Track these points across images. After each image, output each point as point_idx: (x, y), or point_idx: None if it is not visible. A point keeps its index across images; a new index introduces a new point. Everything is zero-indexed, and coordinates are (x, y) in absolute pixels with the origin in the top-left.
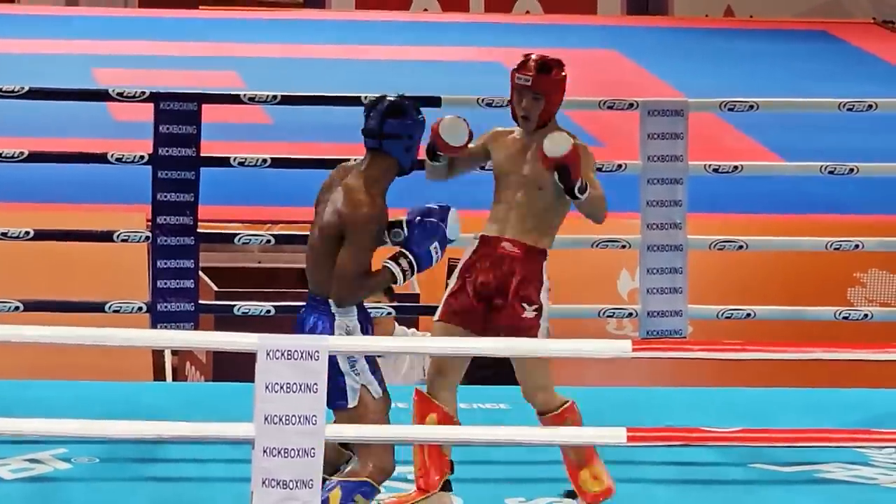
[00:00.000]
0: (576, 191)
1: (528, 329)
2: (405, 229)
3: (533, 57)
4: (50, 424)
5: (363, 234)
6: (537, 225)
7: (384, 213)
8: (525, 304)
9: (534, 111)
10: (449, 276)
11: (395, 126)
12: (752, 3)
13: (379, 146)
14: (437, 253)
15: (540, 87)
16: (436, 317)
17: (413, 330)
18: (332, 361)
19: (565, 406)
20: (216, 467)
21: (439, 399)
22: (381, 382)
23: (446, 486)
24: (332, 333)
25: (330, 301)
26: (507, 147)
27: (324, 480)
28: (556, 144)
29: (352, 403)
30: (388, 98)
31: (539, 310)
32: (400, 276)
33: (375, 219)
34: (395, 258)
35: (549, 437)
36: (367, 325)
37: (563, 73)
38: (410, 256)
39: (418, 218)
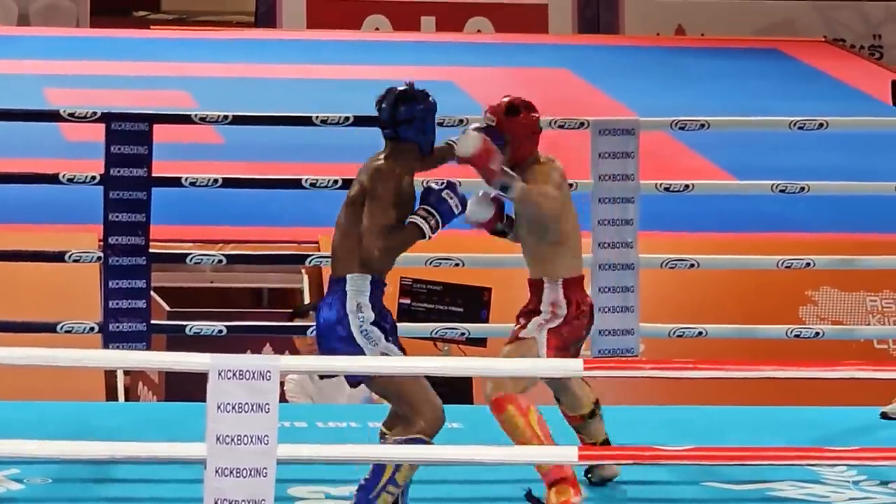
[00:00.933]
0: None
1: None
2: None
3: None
4: (2, 445)
5: (384, 191)
6: (532, 259)
7: (409, 188)
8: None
9: (505, 151)
10: None
11: (405, 112)
12: (703, 21)
13: (395, 133)
14: (457, 208)
15: (503, 127)
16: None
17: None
18: (349, 339)
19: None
20: (169, 487)
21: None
22: (401, 348)
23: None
24: (343, 312)
25: (347, 278)
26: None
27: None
28: (462, 143)
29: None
30: (396, 89)
31: (524, 326)
32: (426, 228)
33: (397, 178)
34: (416, 213)
35: (504, 457)
36: (382, 308)
37: (534, 115)
38: (431, 209)
39: (431, 183)
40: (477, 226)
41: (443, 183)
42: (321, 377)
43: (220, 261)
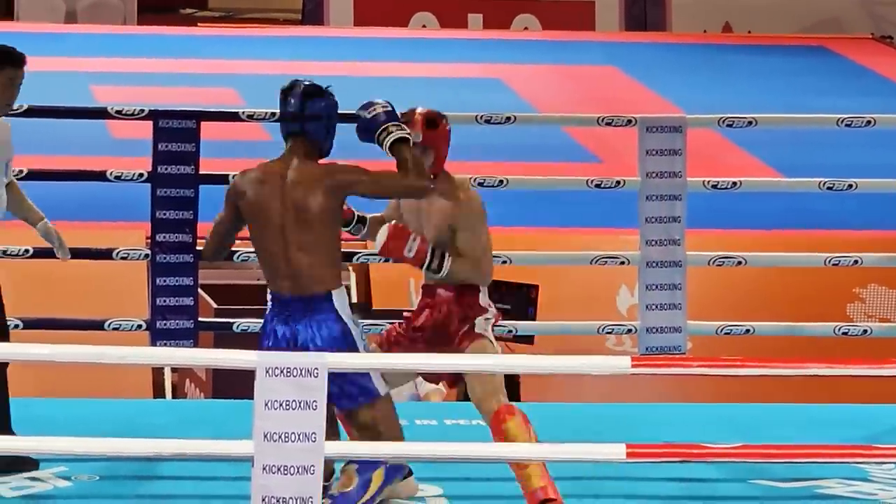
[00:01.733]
0: (425, 270)
1: (473, 340)
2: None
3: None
4: (50, 442)
5: (356, 169)
6: (466, 268)
7: None
8: (458, 323)
9: (426, 163)
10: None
11: (314, 107)
12: (750, 18)
13: (301, 129)
14: (388, 107)
15: (428, 141)
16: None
17: None
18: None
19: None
20: (216, 485)
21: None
22: None
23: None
24: (343, 329)
25: (333, 294)
26: (411, 209)
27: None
28: (377, 242)
29: (383, 391)
30: (303, 82)
31: (473, 325)
32: (405, 133)
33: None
34: (387, 135)
35: (553, 453)
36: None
37: (448, 127)
38: (392, 123)
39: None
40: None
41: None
42: None
43: None
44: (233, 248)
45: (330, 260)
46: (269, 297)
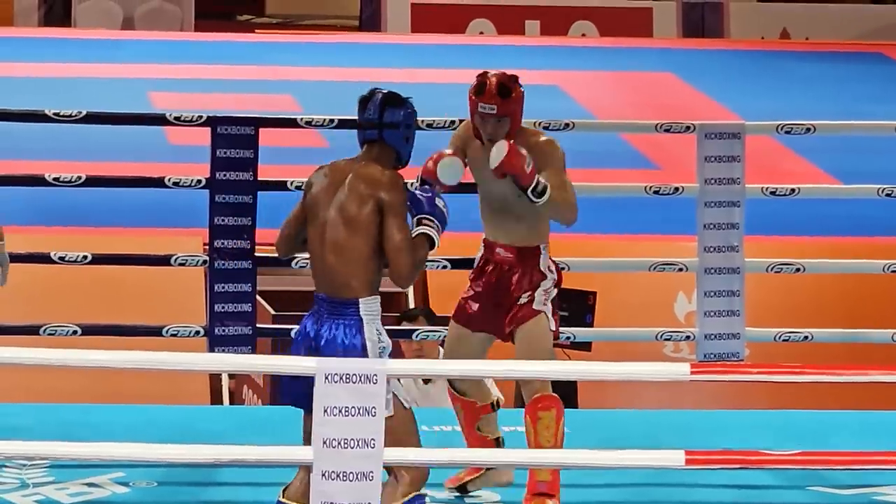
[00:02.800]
0: (529, 194)
1: (529, 317)
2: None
3: (491, 79)
4: (108, 448)
5: (403, 205)
6: (526, 227)
7: None
8: (520, 295)
9: (500, 133)
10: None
11: (393, 115)
12: (808, 25)
13: (379, 136)
14: (445, 208)
15: (505, 111)
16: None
17: None
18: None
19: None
20: (274, 491)
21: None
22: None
23: None
24: (362, 341)
25: (360, 302)
26: (479, 158)
27: None
28: (493, 157)
29: (387, 412)
30: (382, 90)
31: (532, 298)
32: (435, 235)
33: (403, 186)
34: (419, 225)
35: (611, 460)
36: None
37: (521, 88)
38: (431, 217)
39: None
40: (439, 185)
41: (425, 188)
42: (425, 381)
43: None
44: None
45: (363, 268)
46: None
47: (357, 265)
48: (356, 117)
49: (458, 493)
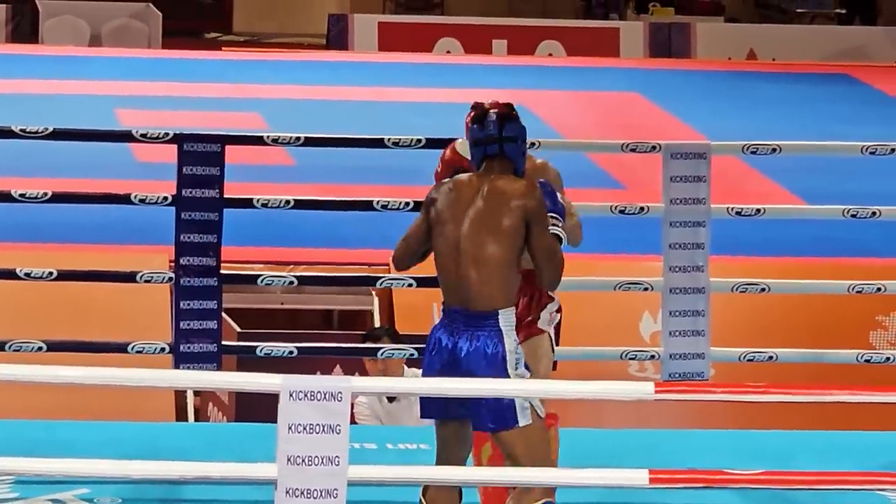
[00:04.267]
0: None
1: (534, 334)
2: None
3: (490, 111)
4: (73, 464)
5: (545, 212)
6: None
7: None
8: (530, 317)
9: None
10: None
11: (513, 129)
12: (774, 46)
13: (500, 151)
14: (561, 201)
15: None
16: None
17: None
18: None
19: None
20: None
21: None
22: None
23: None
24: (503, 351)
25: (499, 314)
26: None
27: None
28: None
29: (524, 422)
30: (494, 108)
31: (538, 318)
32: (563, 234)
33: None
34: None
35: (575, 479)
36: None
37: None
38: (556, 215)
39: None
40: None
41: (541, 183)
42: (389, 399)
43: (291, 282)
44: (256, 273)
45: (503, 278)
46: (441, 309)
47: (498, 276)
48: (468, 136)
49: None
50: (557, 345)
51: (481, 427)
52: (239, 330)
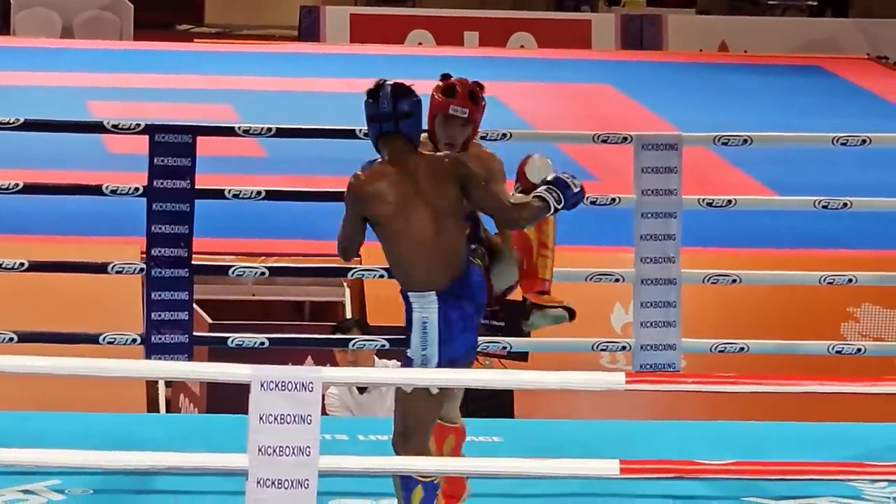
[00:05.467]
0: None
1: None
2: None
3: (462, 83)
4: (44, 455)
5: (477, 175)
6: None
7: None
8: None
9: (460, 138)
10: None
11: (407, 104)
12: (746, 38)
13: (395, 127)
14: (573, 179)
15: (473, 116)
16: None
17: (394, 362)
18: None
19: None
20: (210, 499)
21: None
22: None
23: None
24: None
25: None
26: None
27: None
28: (535, 172)
29: (407, 389)
30: (388, 83)
31: None
32: (553, 203)
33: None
34: (540, 190)
35: (546, 469)
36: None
37: (484, 99)
38: (554, 186)
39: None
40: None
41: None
42: (360, 391)
43: (263, 273)
44: (227, 264)
45: (462, 249)
46: (412, 297)
47: (458, 248)
48: (368, 112)
49: None
50: None
51: None
52: (210, 321)
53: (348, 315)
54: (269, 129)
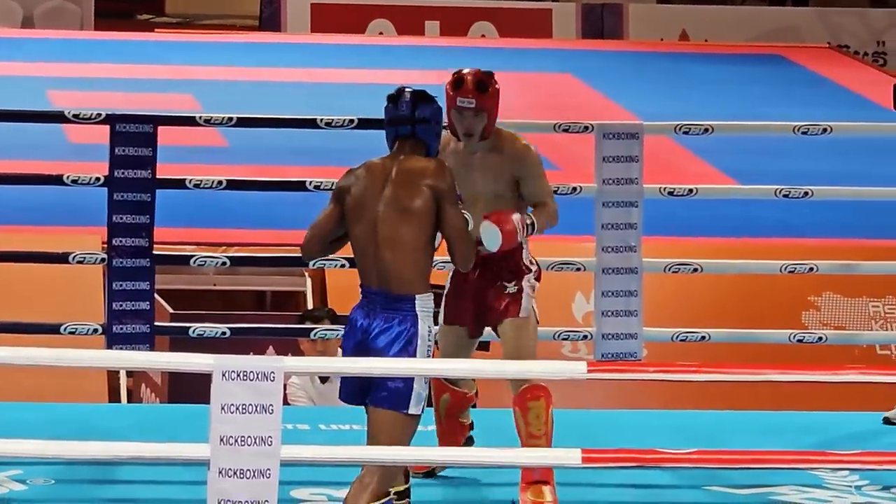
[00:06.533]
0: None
1: (513, 303)
2: None
3: (468, 75)
4: (5, 445)
5: (455, 191)
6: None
7: None
8: (506, 283)
9: (477, 127)
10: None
11: (425, 110)
12: (706, 27)
13: (412, 132)
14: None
15: (482, 105)
16: (440, 320)
17: None
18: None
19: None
20: (172, 489)
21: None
22: None
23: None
24: (415, 335)
25: (416, 298)
26: (452, 163)
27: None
28: (488, 243)
29: (413, 411)
30: (410, 88)
31: (519, 288)
32: (469, 219)
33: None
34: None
35: (507, 459)
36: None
37: (497, 85)
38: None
39: None
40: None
41: None
42: (322, 381)
43: (224, 263)
44: (188, 253)
45: (418, 260)
46: (360, 290)
47: (412, 258)
48: (384, 115)
49: (427, 478)
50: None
51: (375, 401)
52: (171, 311)
53: (310, 305)
54: (230, 119)
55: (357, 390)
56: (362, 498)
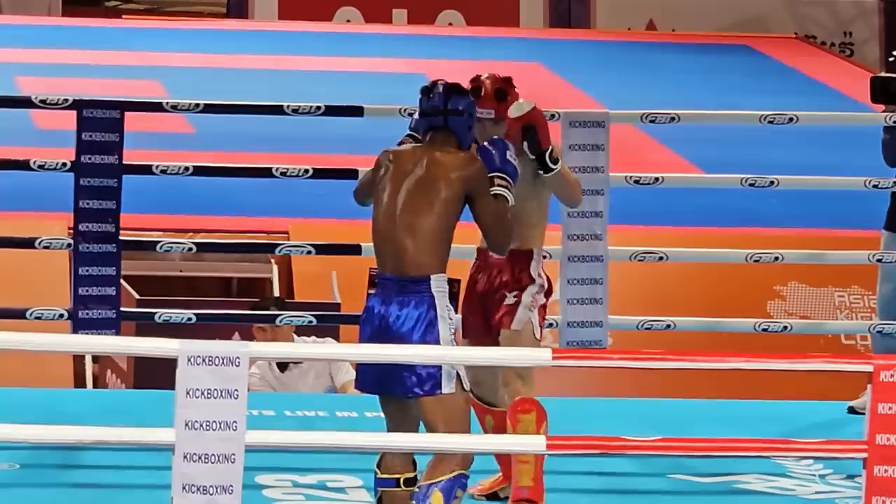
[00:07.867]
0: (548, 159)
1: (507, 315)
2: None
3: (486, 83)
4: None
5: (487, 182)
6: (520, 230)
7: None
8: (507, 293)
9: (497, 135)
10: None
11: (457, 102)
12: (674, 16)
13: (444, 123)
14: (514, 159)
15: (501, 114)
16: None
17: (313, 338)
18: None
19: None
20: (137, 473)
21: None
22: None
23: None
24: (434, 315)
25: (431, 279)
26: None
27: (414, 482)
28: (519, 108)
29: (447, 390)
30: (440, 82)
31: (518, 299)
32: (509, 196)
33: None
34: (496, 184)
35: (471, 445)
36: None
37: (516, 90)
38: (503, 175)
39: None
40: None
41: (495, 141)
42: (280, 369)
43: (190, 249)
44: (155, 239)
45: (437, 246)
46: (375, 276)
47: (431, 244)
48: (420, 107)
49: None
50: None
51: (406, 392)
52: (138, 297)
53: (276, 292)
54: (197, 105)
55: (374, 379)
56: (438, 469)
